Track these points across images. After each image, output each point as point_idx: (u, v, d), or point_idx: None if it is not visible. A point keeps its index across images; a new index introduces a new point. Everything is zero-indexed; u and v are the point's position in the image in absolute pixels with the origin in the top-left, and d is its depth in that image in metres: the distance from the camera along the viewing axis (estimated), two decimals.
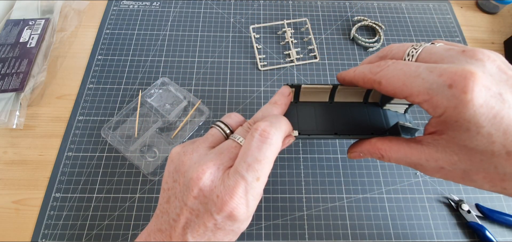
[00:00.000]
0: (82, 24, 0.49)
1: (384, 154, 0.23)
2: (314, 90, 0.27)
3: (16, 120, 0.39)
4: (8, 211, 0.35)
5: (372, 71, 0.22)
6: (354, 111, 0.28)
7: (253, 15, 0.50)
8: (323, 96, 0.28)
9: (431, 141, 0.21)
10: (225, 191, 0.21)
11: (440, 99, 0.18)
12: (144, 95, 0.40)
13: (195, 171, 0.22)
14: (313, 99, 0.28)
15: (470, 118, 0.18)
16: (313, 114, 0.27)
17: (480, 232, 0.33)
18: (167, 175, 0.24)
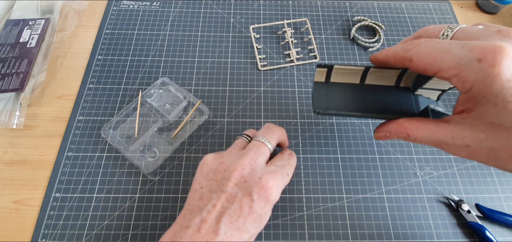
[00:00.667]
0: (82, 24, 0.49)
1: (410, 133, 0.23)
2: (346, 71, 0.27)
3: (16, 120, 0.39)
4: (8, 211, 0.35)
5: (404, 49, 0.23)
6: (384, 94, 0.28)
7: (253, 15, 0.50)
8: (354, 78, 0.28)
9: (459, 119, 0.21)
10: (267, 173, 0.26)
11: (468, 73, 0.19)
12: (144, 95, 0.40)
13: (236, 164, 0.26)
14: (344, 80, 0.28)
15: (497, 92, 0.18)
16: (343, 94, 0.28)
17: (480, 232, 0.33)
18: (200, 177, 0.27)
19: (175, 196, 0.35)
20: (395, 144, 0.39)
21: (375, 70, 0.27)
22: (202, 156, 0.38)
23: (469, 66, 0.18)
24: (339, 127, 0.40)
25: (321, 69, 0.27)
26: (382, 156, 0.39)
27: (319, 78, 0.28)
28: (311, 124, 0.41)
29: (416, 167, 0.38)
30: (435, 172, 0.38)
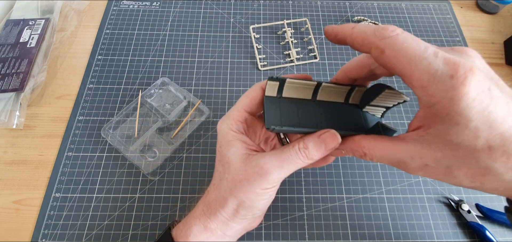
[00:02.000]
0: (82, 24, 0.49)
1: (367, 152, 0.22)
2: (298, 85, 0.27)
3: (16, 120, 0.39)
4: (8, 211, 0.35)
5: (377, 34, 0.20)
6: (335, 110, 0.28)
7: (253, 15, 0.50)
8: (306, 93, 0.28)
9: (416, 137, 0.20)
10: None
11: (438, 88, 0.18)
12: (144, 95, 0.40)
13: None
14: (296, 95, 0.28)
15: (462, 111, 0.18)
16: (296, 110, 0.27)
17: (480, 232, 0.33)
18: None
19: (175, 196, 0.35)
20: None
21: (327, 86, 0.27)
22: (202, 156, 0.38)
23: (441, 81, 0.18)
24: None
25: (273, 83, 0.26)
26: None
27: (270, 92, 0.26)
28: None
29: None
30: None
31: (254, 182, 0.24)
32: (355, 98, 0.29)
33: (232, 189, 0.25)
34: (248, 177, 0.24)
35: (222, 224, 0.26)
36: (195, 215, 0.27)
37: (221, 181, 0.26)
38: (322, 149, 0.24)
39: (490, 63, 0.50)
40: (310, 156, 0.24)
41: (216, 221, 0.26)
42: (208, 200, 0.26)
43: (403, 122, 0.42)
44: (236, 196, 0.25)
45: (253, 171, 0.24)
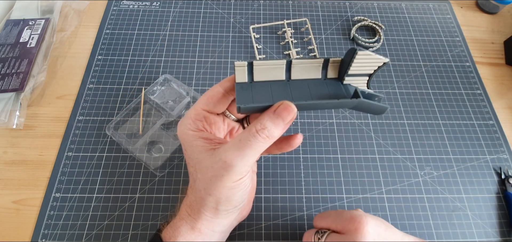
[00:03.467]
0: (82, 24, 0.49)
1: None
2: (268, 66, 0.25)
3: (16, 120, 0.39)
4: (8, 211, 0.34)
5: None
6: (313, 87, 0.27)
7: (253, 15, 0.50)
8: (279, 74, 0.26)
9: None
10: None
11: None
12: (147, 92, 0.41)
13: None
14: (269, 78, 0.26)
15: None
16: (270, 93, 0.25)
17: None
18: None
19: (175, 196, 0.35)
20: (395, 144, 0.39)
21: (298, 63, 0.26)
22: None
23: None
24: (339, 127, 0.40)
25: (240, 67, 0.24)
26: (382, 156, 0.39)
27: (241, 78, 0.25)
28: (311, 124, 0.41)
29: (416, 167, 0.38)
30: (435, 172, 0.38)
31: (223, 177, 0.23)
32: (332, 72, 0.27)
33: (206, 188, 0.24)
34: (215, 174, 0.23)
35: (208, 222, 0.25)
36: (181, 216, 0.26)
37: (195, 182, 0.25)
38: (280, 123, 0.23)
39: (490, 63, 0.50)
40: (270, 135, 0.23)
41: (201, 220, 0.25)
42: (189, 201, 0.26)
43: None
44: (210, 194, 0.24)
45: (218, 166, 0.23)
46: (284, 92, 0.26)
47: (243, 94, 0.24)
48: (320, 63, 0.27)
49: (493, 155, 0.39)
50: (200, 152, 0.25)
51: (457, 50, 0.48)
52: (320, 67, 0.27)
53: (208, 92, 0.26)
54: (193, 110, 0.26)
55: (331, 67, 0.27)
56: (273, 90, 0.26)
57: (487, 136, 0.41)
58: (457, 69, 0.46)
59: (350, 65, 0.26)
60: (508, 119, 0.42)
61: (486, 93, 0.44)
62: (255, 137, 0.22)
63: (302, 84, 0.27)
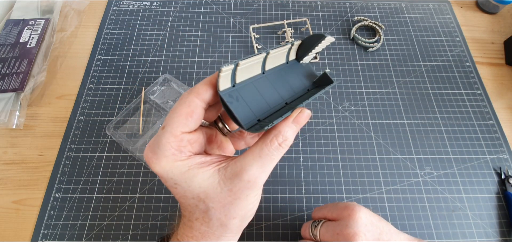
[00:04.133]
0: (82, 24, 0.49)
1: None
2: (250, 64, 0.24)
3: (16, 120, 0.39)
4: (8, 211, 0.35)
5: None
6: (284, 74, 0.28)
7: (253, 15, 0.50)
8: (257, 69, 0.26)
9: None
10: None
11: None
12: (147, 92, 0.41)
13: None
14: (248, 75, 0.25)
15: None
16: (256, 92, 0.25)
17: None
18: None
19: None
20: (395, 144, 0.39)
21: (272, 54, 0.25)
22: None
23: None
24: (339, 127, 0.40)
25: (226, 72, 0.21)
26: (382, 156, 0.39)
27: (225, 84, 0.22)
28: (311, 124, 0.41)
29: (416, 167, 0.38)
30: (435, 172, 0.38)
31: (247, 197, 0.22)
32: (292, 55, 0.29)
33: (227, 213, 0.22)
34: (239, 196, 0.22)
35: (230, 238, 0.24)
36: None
37: (208, 213, 0.22)
38: (297, 130, 0.23)
39: (490, 63, 0.50)
40: (290, 143, 0.23)
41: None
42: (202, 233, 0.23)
43: None
44: (235, 216, 0.22)
45: (239, 187, 0.22)
46: (270, 90, 0.26)
47: (239, 108, 0.23)
48: (286, 51, 0.27)
49: (493, 155, 0.39)
50: (204, 180, 0.22)
51: (457, 50, 0.48)
52: (285, 54, 0.28)
53: (183, 108, 0.21)
54: (172, 138, 0.21)
55: (292, 51, 0.29)
56: (261, 92, 0.25)
57: (487, 136, 0.41)
58: (457, 69, 0.46)
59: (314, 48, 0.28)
60: (508, 119, 0.42)
61: (486, 93, 0.44)
62: (278, 151, 0.22)
63: (275, 73, 0.27)
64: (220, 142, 0.27)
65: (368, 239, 0.27)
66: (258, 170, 0.22)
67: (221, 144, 0.27)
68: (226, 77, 0.22)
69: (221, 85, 0.22)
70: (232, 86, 0.23)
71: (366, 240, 0.26)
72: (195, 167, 0.22)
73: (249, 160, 0.22)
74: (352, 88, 0.44)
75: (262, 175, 0.22)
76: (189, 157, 0.22)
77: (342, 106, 0.42)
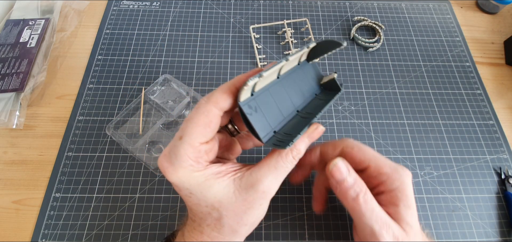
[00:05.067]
0: (82, 24, 0.49)
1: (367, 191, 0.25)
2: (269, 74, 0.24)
3: (16, 120, 0.39)
4: (8, 211, 0.35)
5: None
6: (295, 77, 0.28)
7: (253, 15, 0.50)
8: (273, 75, 0.26)
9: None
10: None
11: (398, 175, 0.26)
12: (147, 92, 0.41)
13: None
14: (265, 83, 0.25)
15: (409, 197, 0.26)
16: (272, 100, 0.25)
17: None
18: None
19: (175, 196, 0.35)
20: (395, 144, 0.39)
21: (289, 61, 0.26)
22: None
23: (397, 171, 0.26)
24: (339, 127, 0.40)
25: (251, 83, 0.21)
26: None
27: (245, 95, 0.22)
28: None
29: (416, 167, 0.38)
30: (435, 172, 0.38)
31: (261, 206, 0.23)
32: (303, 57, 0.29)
33: (239, 221, 0.23)
34: (252, 205, 0.22)
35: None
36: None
37: (220, 220, 0.23)
38: (309, 143, 0.25)
39: (490, 63, 0.50)
40: (301, 155, 0.24)
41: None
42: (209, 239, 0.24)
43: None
44: (247, 223, 0.23)
45: (254, 197, 0.22)
46: (284, 98, 0.27)
47: (257, 119, 0.23)
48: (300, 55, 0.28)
49: (493, 155, 0.39)
50: (219, 190, 0.22)
51: (457, 50, 0.48)
52: (298, 59, 0.28)
53: (201, 118, 0.21)
54: (190, 148, 0.21)
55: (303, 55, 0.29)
56: (276, 100, 0.26)
57: (487, 136, 0.41)
58: (457, 69, 0.46)
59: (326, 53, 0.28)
60: (508, 119, 0.42)
61: (486, 93, 0.44)
62: (292, 163, 0.23)
63: (288, 78, 0.28)
64: (228, 143, 0.27)
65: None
66: (273, 181, 0.23)
67: (230, 145, 0.27)
68: (249, 88, 0.22)
69: (243, 96, 0.22)
70: (251, 95, 0.23)
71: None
72: (212, 178, 0.22)
73: (265, 172, 0.22)
74: (352, 88, 0.44)
75: (276, 186, 0.23)
76: (206, 167, 0.22)
77: (342, 106, 0.42)
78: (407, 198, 0.25)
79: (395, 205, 0.25)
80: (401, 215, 0.25)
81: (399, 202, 0.25)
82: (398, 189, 0.25)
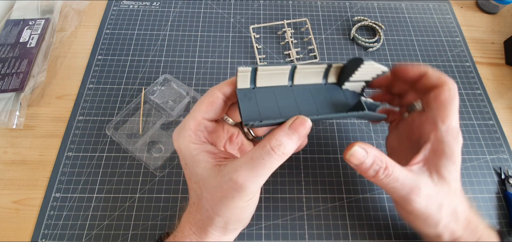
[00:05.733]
0: (82, 24, 0.49)
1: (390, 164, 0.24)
2: (272, 72, 0.25)
3: (16, 120, 0.39)
4: (8, 211, 0.35)
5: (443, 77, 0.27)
6: (315, 94, 0.27)
7: (253, 15, 0.50)
8: (282, 79, 0.26)
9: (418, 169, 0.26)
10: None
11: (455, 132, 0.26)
12: (147, 92, 0.41)
13: None
14: (271, 83, 0.26)
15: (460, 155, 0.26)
16: (274, 99, 0.25)
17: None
18: None
19: (175, 196, 0.35)
20: None
21: (302, 68, 0.26)
22: None
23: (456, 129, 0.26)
24: (339, 127, 0.40)
25: (244, 73, 0.23)
26: None
27: (243, 84, 0.24)
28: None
29: None
30: None
31: (233, 199, 0.22)
32: (333, 77, 0.28)
33: (213, 208, 0.23)
34: (226, 195, 0.22)
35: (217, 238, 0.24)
36: (184, 234, 0.25)
37: (200, 200, 0.24)
38: (295, 139, 0.22)
39: (490, 63, 0.50)
40: (286, 151, 0.22)
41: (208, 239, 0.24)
42: (195, 220, 0.24)
43: None
44: (219, 215, 0.23)
45: (228, 186, 0.22)
46: (289, 101, 0.26)
47: (248, 105, 0.23)
48: (323, 69, 0.27)
49: (493, 155, 0.39)
50: (205, 169, 0.23)
51: (457, 50, 0.48)
52: (322, 73, 0.28)
53: (206, 98, 0.24)
54: (192, 120, 0.24)
55: (332, 72, 0.28)
56: (278, 100, 0.25)
57: (487, 136, 0.41)
58: (457, 69, 0.46)
59: (354, 73, 0.27)
60: (508, 119, 0.42)
61: (486, 93, 0.44)
62: (270, 155, 0.21)
63: (304, 90, 0.27)
64: (241, 143, 0.28)
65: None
66: (247, 174, 0.21)
67: (243, 146, 0.28)
68: (245, 78, 0.24)
69: (239, 83, 0.24)
70: (251, 88, 0.25)
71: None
72: (203, 155, 0.23)
73: (241, 161, 0.22)
74: None
75: (251, 179, 0.21)
76: (202, 143, 0.24)
77: None
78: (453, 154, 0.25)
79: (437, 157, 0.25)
80: (439, 168, 0.25)
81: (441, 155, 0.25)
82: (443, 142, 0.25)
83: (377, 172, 0.24)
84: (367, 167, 0.24)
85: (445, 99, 0.26)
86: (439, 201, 0.25)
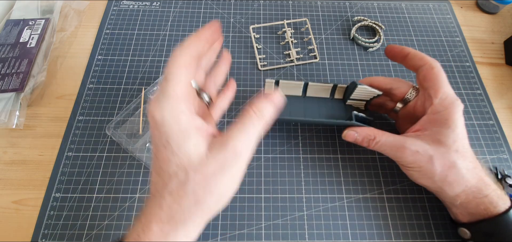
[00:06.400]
0: (82, 24, 0.49)
1: (377, 135, 0.32)
2: (290, 85, 0.36)
3: (16, 120, 0.39)
4: (8, 211, 0.35)
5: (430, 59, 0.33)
6: (322, 105, 0.37)
7: (253, 15, 0.50)
8: (297, 90, 0.37)
9: (414, 135, 0.31)
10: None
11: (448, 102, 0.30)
12: (147, 92, 0.41)
13: None
14: (289, 92, 0.36)
15: (456, 120, 0.29)
16: (287, 104, 0.36)
17: None
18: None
19: None
20: None
21: (313, 85, 0.36)
22: None
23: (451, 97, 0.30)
24: (339, 127, 0.40)
25: (270, 82, 0.34)
26: (382, 156, 0.39)
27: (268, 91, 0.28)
28: (311, 123, 0.41)
29: None
30: None
31: (232, 169, 0.21)
32: (338, 94, 0.37)
33: (205, 188, 0.21)
34: (223, 166, 0.21)
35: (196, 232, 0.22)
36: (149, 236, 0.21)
37: (184, 186, 0.21)
38: (270, 104, 0.24)
39: (490, 63, 0.50)
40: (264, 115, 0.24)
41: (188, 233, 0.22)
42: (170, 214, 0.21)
43: None
44: (212, 192, 0.21)
45: (226, 157, 0.21)
46: (299, 108, 0.36)
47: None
48: (330, 87, 0.37)
49: (493, 155, 0.39)
50: (195, 145, 0.21)
51: (457, 50, 0.48)
52: (329, 90, 0.37)
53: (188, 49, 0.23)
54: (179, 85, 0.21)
55: (338, 90, 0.37)
56: (290, 105, 0.36)
57: (487, 136, 0.41)
58: (457, 69, 0.46)
59: (351, 94, 0.35)
60: (508, 119, 0.42)
61: (486, 93, 0.44)
62: (252, 118, 0.23)
63: (313, 101, 0.37)
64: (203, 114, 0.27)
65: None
66: (242, 139, 0.22)
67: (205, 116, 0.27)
68: (270, 86, 0.35)
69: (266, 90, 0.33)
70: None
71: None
72: (192, 129, 0.21)
73: (232, 130, 0.23)
74: None
75: (246, 145, 0.23)
76: (193, 114, 0.22)
77: None
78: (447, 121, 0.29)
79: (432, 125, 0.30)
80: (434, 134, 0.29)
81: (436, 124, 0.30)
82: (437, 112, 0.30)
83: (369, 142, 0.32)
84: (360, 141, 0.33)
85: (432, 76, 0.31)
86: (429, 155, 0.29)
